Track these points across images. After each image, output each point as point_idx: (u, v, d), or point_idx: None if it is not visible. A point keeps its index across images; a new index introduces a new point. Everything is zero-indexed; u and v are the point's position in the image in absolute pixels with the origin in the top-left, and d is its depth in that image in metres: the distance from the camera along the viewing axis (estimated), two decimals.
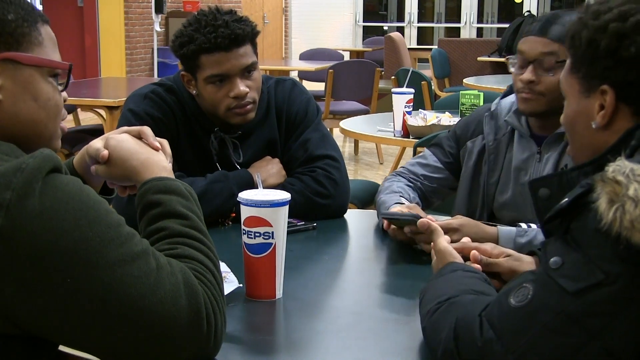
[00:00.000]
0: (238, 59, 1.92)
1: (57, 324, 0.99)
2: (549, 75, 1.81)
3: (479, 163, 2.00)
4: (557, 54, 1.79)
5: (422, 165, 2.09)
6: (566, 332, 0.97)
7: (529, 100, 1.84)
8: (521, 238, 1.68)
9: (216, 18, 1.90)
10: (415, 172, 2.08)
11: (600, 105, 1.13)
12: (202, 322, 1.06)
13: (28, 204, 0.95)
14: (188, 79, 1.99)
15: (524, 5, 11.49)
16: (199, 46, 1.89)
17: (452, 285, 1.23)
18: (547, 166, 1.88)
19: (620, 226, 0.94)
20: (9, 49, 1.08)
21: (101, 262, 0.99)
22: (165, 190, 1.19)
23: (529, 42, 1.84)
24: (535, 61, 1.82)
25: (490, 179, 1.98)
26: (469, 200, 2.01)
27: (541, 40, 1.82)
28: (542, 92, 1.82)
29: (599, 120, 1.14)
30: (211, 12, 1.93)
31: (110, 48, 9.40)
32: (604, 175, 0.98)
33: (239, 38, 1.90)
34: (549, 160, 1.87)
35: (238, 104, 1.95)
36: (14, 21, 1.09)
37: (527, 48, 1.84)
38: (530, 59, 1.83)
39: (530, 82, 1.82)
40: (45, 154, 1.00)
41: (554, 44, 1.79)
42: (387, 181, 2.06)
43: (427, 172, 2.07)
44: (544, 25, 1.83)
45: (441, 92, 7.87)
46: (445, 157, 2.07)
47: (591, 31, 1.13)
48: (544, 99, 1.82)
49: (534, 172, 1.90)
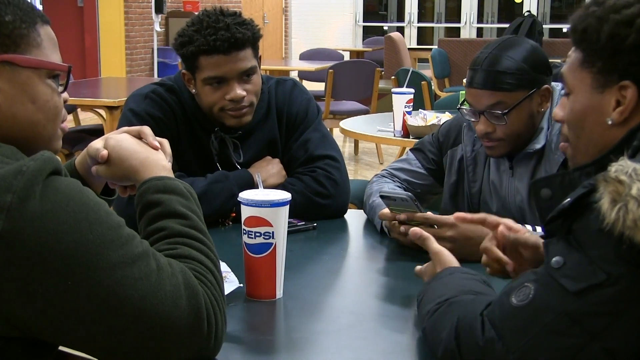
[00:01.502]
0: (237, 62, 1.92)
1: (58, 325, 0.99)
2: (501, 123, 1.81)
3: (460, 172, 2.01)
4: (504, 102, 1.80)
5: (405, 171, 2.09)
6: (567, 333, 0.97)
7: (493, 147, 1.86)
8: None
9: (218, 20, 1.90)
10: (398, 177, 2.08)
11: (617, 101, 1.11)
12: (203, 323, 1.06)
13: (29, 206, 0.95)
14: (188, 78, 2.00)
15: (524, 5, 11.49)
16: (198, 47, 1.89)
17: (451, 287, 1.22)
18: (520, 182, 1.90)
19: (623, 226, 0.93)
20: (6, 51, 1.07)
21: (101, 264, 0.99)
22: (165, 190, 1.19)
23: (474, 95, 1.84)
24: (485, 112, 1.82)
25: (472, 189, 1.99)
26: (454, 207, 2.01)
27: (484, 92, 1.81)
28: (501, 137, 1.83)
29: (616, 117, 1.11)
30: (214, 13, 1.92)
31: (110, 48, 9.40)
32: (606, 175, 0.97)
33: (238, 42, 1.90)
34: (522, 175, 1.89)
35: (233, 107, 1.95)
36: (12, 22, 1.07)
37: (473, 100, 1.84)
38: (479, 111, 1.83)
39: (487, 133, 1.83)
40: (46, 157, 1.00)
41: (499, 94, 1.79)
42: (375, 184, 2.06)
43: (410, 178, 2.08)
44: (486, 75, 1.80)
45: (441, 92, 7.87)
46: (428, 163, 2.07)
47: (613, 25, 1.10)
48: (505, 143, 1.84)
49: (508, 187, 1.92)
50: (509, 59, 1.79)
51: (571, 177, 1.13)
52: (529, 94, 1.80)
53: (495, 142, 1.84)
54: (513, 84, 1.79)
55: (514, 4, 12.00)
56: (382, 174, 2.11)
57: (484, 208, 1.96)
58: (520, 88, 1.79)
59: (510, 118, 1.80)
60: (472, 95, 1.84)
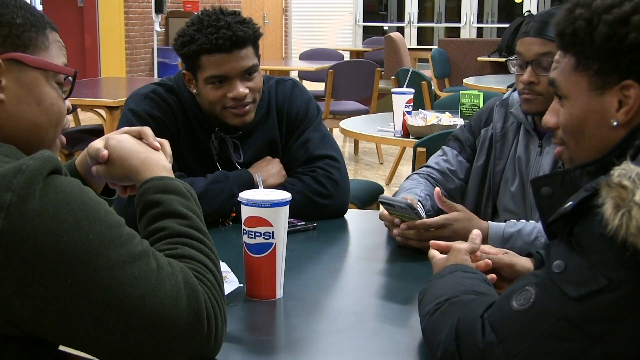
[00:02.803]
0: (238, 60, 1.92)
1: (58, 324, 0.99)
2: (547, 74, 1.81)
3: (489, 151, 2.04)
4: (554, 54, 1.79)
5: (444, 162, 2.10)
6: (568, 337, 0.97)
7: (530, 100, 1.88)
8: (510, 228, 1.70)
9: (219, 19, 1.90)
10: (440, 169, 2.08)
11: (619, 101, 1.10)
12: (203, 323, 1.06)
13: (28, 205, 0.95)
14: (189, 78, 2.00)
15: (524, 5, 11.49)
16: (199, 46, 1.89)
17: (452, 286, 1.22)
18: (545, 160, 1.92)
19: (626, 232, 0.93)
20: (15, 50, 1.09)
21: (101, 263, 0.99)
22: (165, 190, 1.19)
23: (526, 43, 1.87)
24: (533, 62, 1.86)
25: (496, 167, 2.01)
26: (478, 190, 2.04)
27: (537, 40, 1.85)
28: (542, 92, 1.85)
29: (622, 117, 1.10)
30: (214, 12, 1.93)
31: (110, 48, 9.40)
32: (609, 180, 0.96)
33: (240, 40, 1.90)
34: (549, 153, 1.91)
35: (236, 105, 1.95)
36: (22, 25, 1.10)
37: (524, 49, 1.88)
38: (528, 60, 1.86)
39: (530, 83, 1.86)
40: (46, 156, 1.00)
41: (551, 44, 1.81)
42: (406, 181, 2.08)
43: (450, 167, 2.09)
44: (540, 25, 1.85)
45: (441, 92, 7.87)
46: (464, 151, 2.10)
47: (607, 25, 1.08)
48: (543, 99, 1.85)
49: (534, 165, 1.95)
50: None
51: (572, 176, 1.13)
52: None
53: (535, 95, 1.87)
54: None
55: (514, 4, 12.00)
56: (419, 171, 2.12)
57: (503, 187, 1.99)
58: None
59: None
60: (524, 44, 1.88)
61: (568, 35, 1.15)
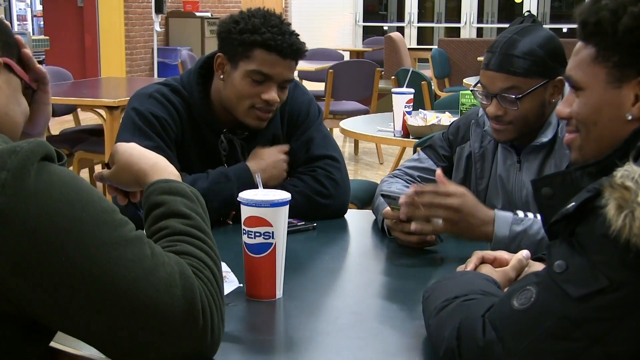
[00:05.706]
0: (286, 69, 1.93)
1: (50, 304, 1.00)
2: (513, 108, 1.81)
3: (468, 169, 2.01)
4: (518, 87, 1.80)
5: (417, 169, 2.09)
6: (568, 337, 0.97)
7: (500, 131, 1.86)
8: (517, 226, 1.66)
9: (282, 22, 1.93)
10: (411, 175, 2.08)
11: (636, 95, 1.09)
12: (198, 315, 1.05)
13: (23, 184, 0.97)
14: (222, 62, 1.97)
15: (524, 5, 11.50)
16: (262, 39, 1.89)
17: (461, 286, 1.21)
18: (526, 176, 1.90)
19: (629, 233, 0.93)
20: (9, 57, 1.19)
21: (95, 242, 1.00)
22: (170, 192, 1.20)
23: (489, 77, 1.84)
24: (498, 95, 1.83)
25: (479, 187, 1.99)
26: None
27: (499, 75, 1.81)
28: (511, 121, 1.83)
29: (636, 112, 1.09)
30: (276, 15, 1.94)
31: (110, 48, 9.41)
32: (612, 181, 0.96)
33: (298, 52, 1.93)
34: (530, 169, 1.89)
35: (264, 108, 1.95)
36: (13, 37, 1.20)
37: (487, 82, 1.85)
38: (492, 94, 1.84)
39: (497, 115, 1.84)
40: (39, 141, 1.03)
41: (514, 78, 1.79)
42: (385, 183, 2.06)
43: (423, 174, 2.07)
44: (502, 58, 1.81)
45: (441, 92, 7.87)
46: (440, 160, 2.07)
47: (631, 18, 1.07)
48: (513, 127, 1.84)
49: (515, 181, 1.93)
50: (527, 44, 1.80)
51: (572, 177, 1.13)
52: (543, 83, 1.81)
53: (504, 125, 1.85)
54: (528, 69, 1.79)
55: (514, 4, 12.00)
56: (394, 173, 2.11)
57: (489, 206, 1.96)
58: (535, 75, 1.80)
59: (522, 104, 1.80)
60: (487, 78, 1.85)
61: (591, 24, 1.13)
